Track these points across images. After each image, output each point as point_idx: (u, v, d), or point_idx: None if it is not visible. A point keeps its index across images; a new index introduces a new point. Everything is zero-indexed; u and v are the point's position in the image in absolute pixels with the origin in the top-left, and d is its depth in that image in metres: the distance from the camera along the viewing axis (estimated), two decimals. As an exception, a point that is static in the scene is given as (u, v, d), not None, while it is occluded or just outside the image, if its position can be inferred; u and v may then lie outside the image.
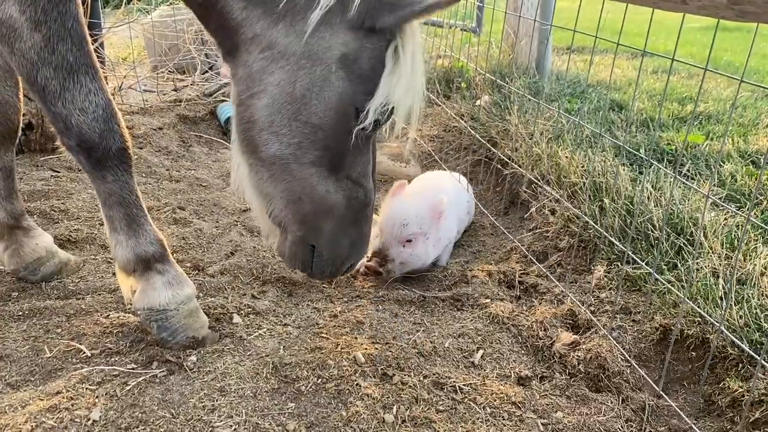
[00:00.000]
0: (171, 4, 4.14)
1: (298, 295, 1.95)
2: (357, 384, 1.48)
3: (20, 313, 1.71)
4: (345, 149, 1.44)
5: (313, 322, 1.78)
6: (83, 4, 2.91)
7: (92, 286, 1.87)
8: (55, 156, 2.76)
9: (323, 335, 1.69)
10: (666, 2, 1.26)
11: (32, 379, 1.46)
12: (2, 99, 1.73)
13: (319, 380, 1.49)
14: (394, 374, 1.53)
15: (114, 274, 1.96)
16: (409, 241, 1.98)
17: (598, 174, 2.19)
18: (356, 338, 1.68)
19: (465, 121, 3.12)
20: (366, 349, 1.61)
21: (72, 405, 1.35)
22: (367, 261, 2.00)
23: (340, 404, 1.42)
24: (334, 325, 1.75)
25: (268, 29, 1.35)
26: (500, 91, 3.30)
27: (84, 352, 1.57)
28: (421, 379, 1.52)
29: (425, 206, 2.02)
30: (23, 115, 2.69)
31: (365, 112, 1.38)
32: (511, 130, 2.76)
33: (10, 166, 1.81)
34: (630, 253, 1.70)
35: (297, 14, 1.33)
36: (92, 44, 3.01)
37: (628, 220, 2.00)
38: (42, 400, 1.36)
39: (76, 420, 1.31)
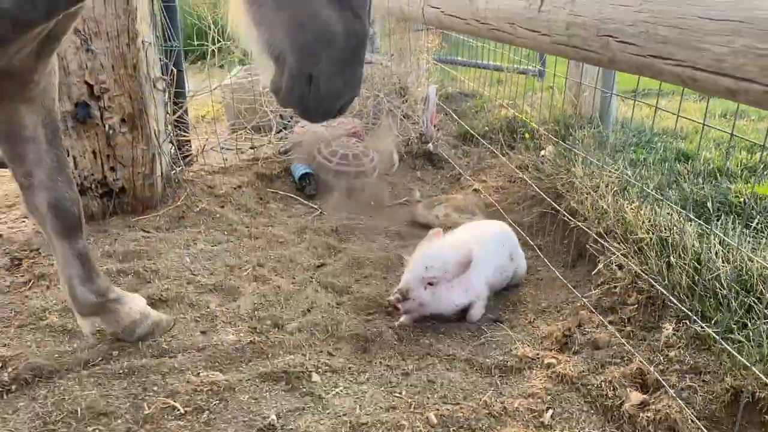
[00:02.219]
0: (247, 68, 4.42)
1: (371, 352, 2.05)
2: (430, 444, 1.55)
3: (121, 371, 1.87)
4: None
5: (387, 380, 1.87)
6: (170, 74, 3.17)
7: (183, 345, 2.03)
8: (145, 217, 2.99)
9: (396, 394, 1.78)
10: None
11: (135, 436, 1.61)
12: (59, 195, 1.87)
13: (394, 440, 1.57)
14: (465, 435, 1.59)
15: (202, 332, 2.13)
16: (431, 284, 2.10)
17: (664, 229, 2.21)
18: (428, 398, 1.76)
19: (529, 173, 3.19)
20: (438, 409, 1.69)
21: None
22: (392, 295, 2.13)
23: (414, 465, 1.50)
24: (407, 384, 1.84)
25: None
26: (565, 141, 3.35)
27: (178, 410, 1.71)
28: (492, 440, 1.58)
29: (453, 254, 2.13)
30: (116, 180, 2.95)
31: None
32: (575, 182, 2.81)
33: (84, 252, 1.94)
34: (693, 315, 1.72)
35: None
36: (178, 111, 3.25)
37: (696, 277, 2.01)
38: (144, 456, 1.50)
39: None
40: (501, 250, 2.42)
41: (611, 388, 1.78)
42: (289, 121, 3.95)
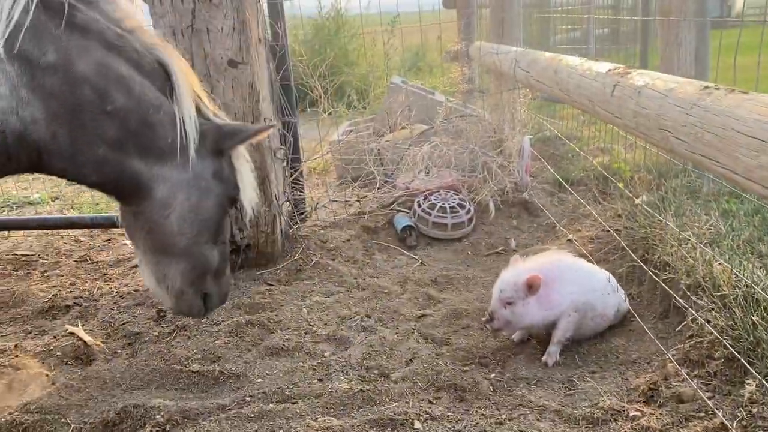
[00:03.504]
0: (352, 129, 4.81)
1: (468, 401, 2.27)
2: (518, 490, 1.75)
3: (252, 415, 2.20)
4: (222, 225, 2.25)
5: (482, 428, 2.08)
6: (286, 145, 3.58)
7: (303, 392, 2.34)
8: (267, 270, 3.37)
9: (489, 442, 1.99)
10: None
11: (267, 473, 1.92)
12: None
13: (486, 485, 1.78)
14: (550, 483, 1.78)
15: (319, 380, 2.43)
16: (509, 303, 2.45)
17: (749, 285, 2.28)
18: (518, 447, 1.95)
19: (622, 222, 3.30)
20: (526, 458, 1.89)
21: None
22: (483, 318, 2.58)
23: (503, 508, 1.70)
24: (499, 433, 2.04)
25: (163, 169, 2.04)
26: (658, 189, 3.43)
27: (301, 451, 2.01)
28: (575, 488, 1.75)
29: (522, 276, 2.46)
30: (243, 238, 3.36)
31: (237, 198, 2.27)
32: (666, 233, 2.91)
33: None
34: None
35: (178, 154, 2.04)
36: (294, 174, 3.64)
37: (782, 335, 2.08)
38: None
39: None
40: (577, 278, 2.60)
41: (694, 442, 1.89)
42: (390, 177, 4.27)
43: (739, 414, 1.98)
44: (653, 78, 1.77)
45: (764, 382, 2.00)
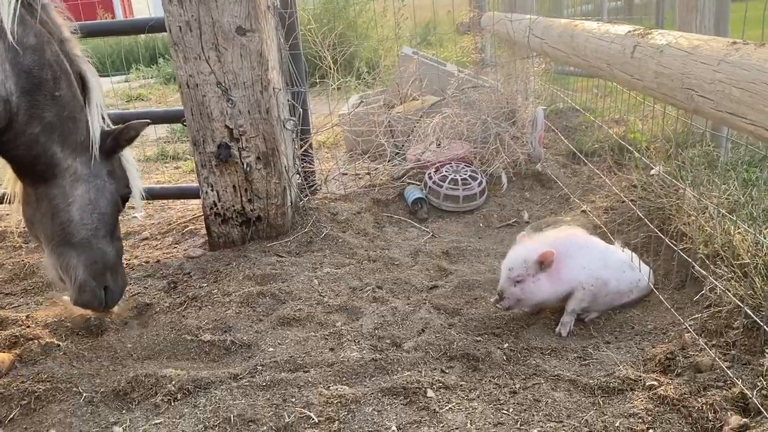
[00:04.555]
0: (362, 101, 4.75)
1: (481, 371, 2.24)
2: (533, 458, 1.73)
3: (264, 384, 2.19)
4: (116, 222, 2.53)
5: (495, 397, 2.06)
6: (296, 116, 3.53)
7: (315, 360, 2.32)
8: (278, 242, 3.35)
9: (504, 411, 1.97)
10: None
11: (279, 440, 1.91)
12: None
13: (501, 453, 1.76)
14: (566, 451, 1.75)
15: (331, 349, 2.41)
16: (519, 281, 2.41)
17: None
18: (533, 415, 1.93)
19: (638, 193, 3.24)
20: (542, 426, 1.86)
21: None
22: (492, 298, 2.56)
23: (519, 475, 1.68)
24: (514, 402, 2.02)
25: (74, 163, 2.33)
26: (677, 159, 3.36)
27: (313, 419, 1.99)
28: (591, 456, 1.73)
29: (532, 253, 2.41)
30: (253, 210, 3.33)
31: (128, 197, 2.60)
32: (683, 203, 2.85)
33: None
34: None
35: (84, 151, 2.36)
36: (304, 146, 3.60)
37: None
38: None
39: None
40: (589, 254, 2.54)
41: (712, 411, 1.86)
42: (401, 149, 4.22)
43: (759, 383, 1.94)
44: (676, 37, 1.71)
45: (785, 350, 1.96)
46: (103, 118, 2.48)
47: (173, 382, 2.21)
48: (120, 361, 2.42)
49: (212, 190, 3.29)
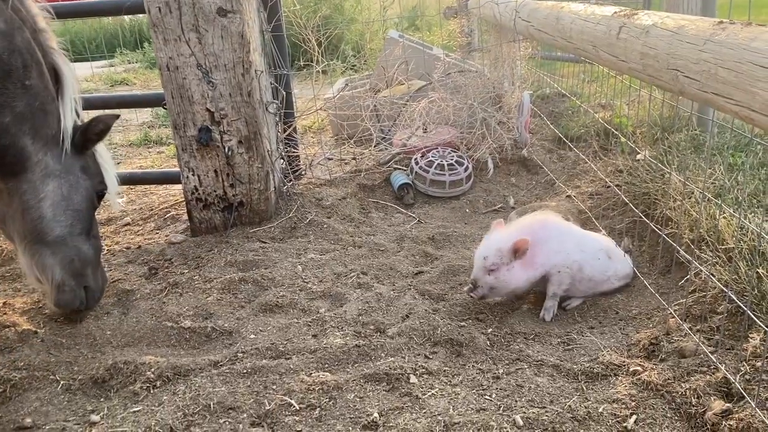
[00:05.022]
0: (347, 85, 4.69)
1: (465, 356, 2.22)
2: (516, 444, 1.71)
3: (245, 371, 2.15)
4: (92, 219, 2.47)
5: (478, 383, 2.04)
6: (279, 99, 3.47)
7: (297, 347, 2.29)
8: (261, 228, 3.31)
9: (487, 397, 1.95)
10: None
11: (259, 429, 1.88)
12: None
13: (483, 439, 1.75)
14: (549, 436, 1.74)
15: (313, 335, 2.38)
16: (492, 270, 2.37)
17: (754, 238, 2.22)
18: (516, 401, 1.91)
19: (624, 178, 3.22)
20: (524, 412, 1.84)
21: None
22: (466, 287, 2.50)
23: (501, 462, 1.66)
24: (497, 387, 2.00)
25: (45, 157, 2.27)
26: (661, 144, 3.35)
27: (294, 406, 1.97)
28: (574, 442, 1.71)
29: (505, 242, 2.38)
30: (235, 195, 3.28)
31: (104, 194, 2.53)
32: (669, 188, 2.84)
33: None
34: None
35: (55, 145, 2.30)
36: (288, 130, 3.56)
37: (788, 288, 2.03)
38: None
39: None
40: (562, 238, 2.51)
41: (695, 396, 1.85)
42: (387, 134, 4.18)
43: (742, 368, 1.94)
44: (662, 17, 1.67)
45: (769, 335, 1.96)
46: (77, 114, 2.42)
47: (152, 370, 2.17)
48: (99, 349, 2.38)
49: (193, 175, 3.24)
